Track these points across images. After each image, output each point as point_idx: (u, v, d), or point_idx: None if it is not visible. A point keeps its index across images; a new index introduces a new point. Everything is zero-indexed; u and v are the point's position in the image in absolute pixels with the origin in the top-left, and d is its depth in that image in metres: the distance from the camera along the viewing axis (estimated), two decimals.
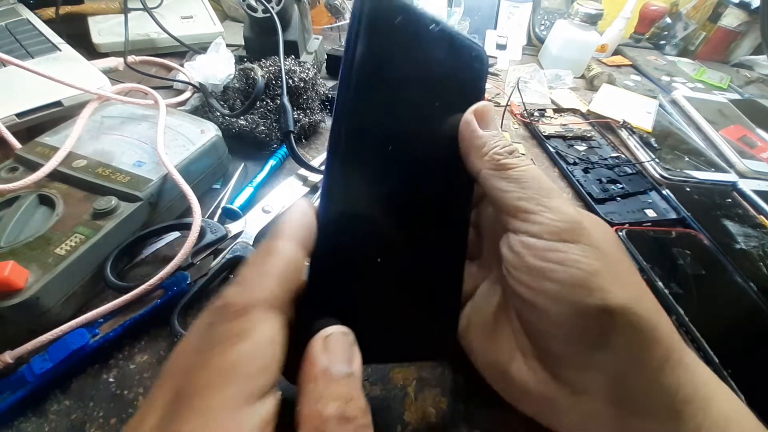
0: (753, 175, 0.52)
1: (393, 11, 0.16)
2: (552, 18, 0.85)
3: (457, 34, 0.19)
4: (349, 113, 0.16)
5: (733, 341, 0.31)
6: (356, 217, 0.16)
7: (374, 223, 0.17)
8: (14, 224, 0.28)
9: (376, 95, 0.16)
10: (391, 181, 0.17)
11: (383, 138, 0.17)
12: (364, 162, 0.16)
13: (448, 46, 0.18)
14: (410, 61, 0.17)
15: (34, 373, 0.23)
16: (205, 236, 0.31)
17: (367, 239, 0.17)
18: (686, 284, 0.35)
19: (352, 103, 0.16)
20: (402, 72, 0.17)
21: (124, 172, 0.33)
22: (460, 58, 0.19)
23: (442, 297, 0.20)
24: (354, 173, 0.16)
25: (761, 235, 0.42)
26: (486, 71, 0.20)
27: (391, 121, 0.17)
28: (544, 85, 0.67)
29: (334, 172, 0.16)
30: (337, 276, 0.16)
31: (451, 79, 0.19)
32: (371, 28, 0.16)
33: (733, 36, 0.88)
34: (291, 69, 0.46)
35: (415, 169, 0.18)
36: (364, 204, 0.16)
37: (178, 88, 0.51)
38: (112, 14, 0.60)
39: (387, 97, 0.17)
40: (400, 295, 0.18)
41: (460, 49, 0.19)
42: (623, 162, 0.51)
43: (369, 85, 0.16)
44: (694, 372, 0.16)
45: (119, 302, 0.26)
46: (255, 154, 0.44)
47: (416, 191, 0.18)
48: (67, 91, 0.40)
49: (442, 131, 0.19)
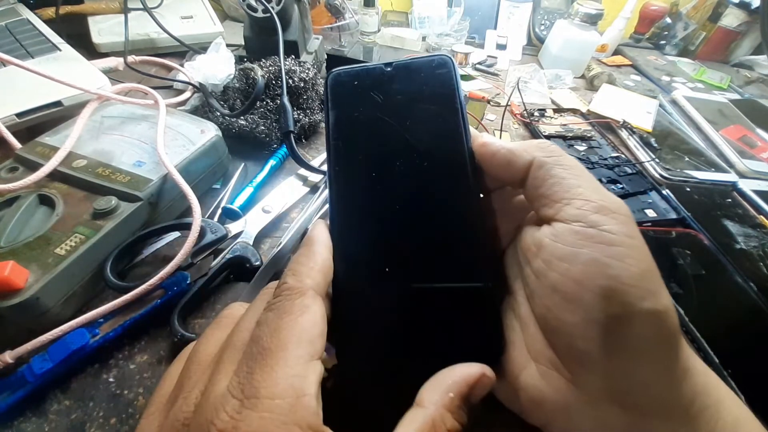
0: (753, 175, 0.52)
1: (349, 77, 0.21)
2: (552, 18, 0.85)
3: (411, 61, 0.21)
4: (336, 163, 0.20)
5: (733, 341, 0.31)
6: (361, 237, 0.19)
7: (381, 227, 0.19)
8: (14, 224, 0.28)
9: (353, 143, 0.20)
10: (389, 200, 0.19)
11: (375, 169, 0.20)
12: (360, 192, 0.19)
13: (409, 74, 0.21)
14: (378, 102, 0.21)
15: (34, 373, 0.23)
16: (205, 236, 0.31)
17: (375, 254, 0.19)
18: (686, 284, 0.35)
19: (335, 156, 0.20)
20: (374, 113, 0.20)
21: (124, 172, 0.33)
22: (423, 75, 0.21)
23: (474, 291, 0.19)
24: (352, 203, 0.19)
25: (761, 235, 0.41)
26: (452, 72, 0.21)
27: (378, 155, 0.20)
28: (544, 85, 0.67)
29: (338, 199, 0.19)
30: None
31: (422, 96, 0.21)
32: (336, 95, 0.21)
33: (733, 36, 0.88)
34: (291, 69, 0.46)
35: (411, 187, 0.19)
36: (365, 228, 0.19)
37: (178, 88, 0.51)
38: (112, 14, 0.60)
39: (366, 141, 0.20)
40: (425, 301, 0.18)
41: (420, 69, 0.21)
42: (623, 162, 0.51)
43: (345, 139, 0.20)
44: (706, 377, 0.16)
45: (119, 302, 0.26)
46: (255, 154, 0.44)
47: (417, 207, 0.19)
48: (67, 91, 0.40)
49: (431, 144, 0.20)
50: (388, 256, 0.18)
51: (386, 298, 0.18)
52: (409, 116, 0.20)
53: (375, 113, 0.20)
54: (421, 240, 0.19)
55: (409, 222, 0.19)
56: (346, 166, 0.20)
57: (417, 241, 0.19)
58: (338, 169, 0.20)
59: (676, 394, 0.15)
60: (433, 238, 0.19)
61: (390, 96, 0.21)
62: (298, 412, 0.13)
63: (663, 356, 0.15)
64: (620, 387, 0.15)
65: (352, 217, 0.19)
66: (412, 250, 0.19)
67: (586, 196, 0.16)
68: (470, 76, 0.71)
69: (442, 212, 0.19)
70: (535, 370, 0.17)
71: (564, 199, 0.17)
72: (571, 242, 0.16)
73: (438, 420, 0.15)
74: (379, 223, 0.19)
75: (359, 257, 0.19)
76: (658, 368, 0.15)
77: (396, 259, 0.18)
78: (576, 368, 0.16)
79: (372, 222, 0.19)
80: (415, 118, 0.20)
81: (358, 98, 0.21)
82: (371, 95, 0.21)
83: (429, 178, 0.19)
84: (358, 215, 0.19)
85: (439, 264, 0.18)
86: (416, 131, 0.20)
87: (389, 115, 0.20)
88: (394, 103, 0.21)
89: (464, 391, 0.16)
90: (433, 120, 0.20)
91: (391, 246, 0.19)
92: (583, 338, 0.15)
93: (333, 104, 0.21)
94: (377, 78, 0.21)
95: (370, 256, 0.19)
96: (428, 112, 0.20)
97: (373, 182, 0.19)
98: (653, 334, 0.15)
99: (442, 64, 0.21)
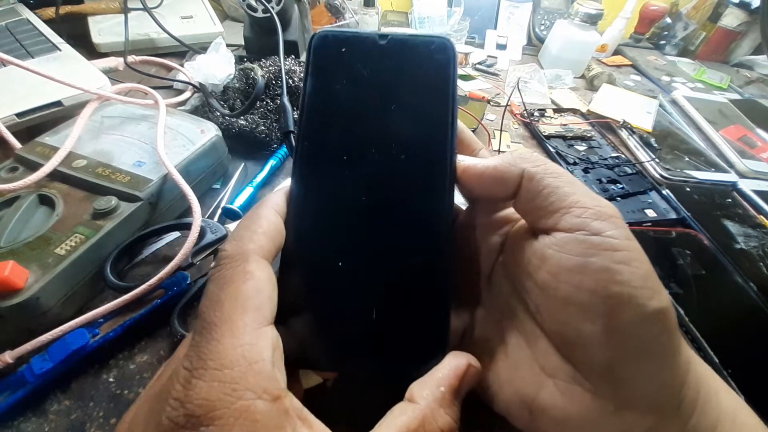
0: (753, 175, 0.52)
1: (337, 42, 0.19)
2: (552, 18, 0.85)
3: (409, 37, 0.19)
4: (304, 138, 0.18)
5: (733, 341, 0.31)
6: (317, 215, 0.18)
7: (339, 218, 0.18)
8: (14, 224, 0.28)
9: (327, 118, 0.19)
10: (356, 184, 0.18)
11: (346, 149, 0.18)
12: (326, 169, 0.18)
13: (403, 51, 0.19)
14: (363, 76, 0.19)
15: (34, 373, 0.23)
16: (205, 236, 0.31)
17: (330, 237, 0.18)
18: (686, 284, 0.35)
19: (305, 130, 0.18)
20: (356, 88, 0.19)
21: (124, 172, 0.33)
22: (419, 55, 0.19)
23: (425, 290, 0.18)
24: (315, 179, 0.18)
25: (761, 235, 0.41)
26: (450, 58, 0.19)
27: (352, 136, 0.18)
28: (544, 85, 0.67)
29: (300, 178, 0.18)
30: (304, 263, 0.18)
31: (413, 78, 0.19)
32: (319, 58, 0.19)
33: (733, 36, 0.88)
34: (291, 69, 0.46)
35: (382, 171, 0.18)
36: (324, 204, 0.18)
37: (178, 88, 0.51)
38: (112, 14, 0.60)
39: (342, 118, 0.19)
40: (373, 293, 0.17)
41: (416, 48, 0.19)
42: (623, 162, 0.51)
43: (319, 111, 0.19)
44: (704, 369, 0.17)
45: (119, 302, 0.26)
46: (255, 154, 0.44)
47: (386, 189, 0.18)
48: (67, 91, 0.40)
49: (411, 129, 0.19)
50: (344, 236, 0.18)
51: (336, 275, 0.17)
52: (394, 99, 0.19)
53: (357, 88, 0.19)
54: (381, 226, 0.18)
55: (372, 208, 0.18)
56: (316, 139, 0.18)
57: (376, 227, 0.18)
58: (307, 144, 0.18)
59: (684, 388, 0.15)
60: (394, 225, 0.18)
61: (377, 72, 0.19)
62: (251, 378, 0.13)
63: (672, 352, 0.15)
64: (642, 391, 0.15)
65: (313, 191, 0.18)
66: (370, 232, 0.18)
67: (582, 204, 0.16)
68: (470, 76, 0.71)
69: (409, 205, 0.18)
70: (554, 387, 0.16)
71: (562, 209, 0.16)
72: (578, 251, 0.15)
73: (429, 416, 0.15)
74: (339, 204, 0.18)
75: (312, 232, 0.18)
76: (671, 366, 0.15)
77: (352, 240, 0.18)
78: (598, 379, 0.15)
79: (333, 201, 0.18)
80: (399, 102, 0.19)
81: (343, 68, 0.19)
82: (357, 67, 0.19)
83: (402, 169, 0.18)
84: (319, 191, 0.18)
85: (396, 244, 0.18)
86: (398, 117, 0.19)
87: (372, 94, 0.19)
88: (380, 80, 0.19)
89: (455, 384, 0.16)
90: (419, 108, 0.19)
91: (348, 226, 0.18)
92: (604, 347, 0.15)
93: (314, 69, 0.19)
94: (368, 49, 0.19)
95: (323, 234, 0.18)
96: (415, 98, 0.19)
97: (342, 162, 0.18)
98: (661, 332, 0.15)
99: (441, 48, 0.19)
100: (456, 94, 0.19)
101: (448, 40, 0.19)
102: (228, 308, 0.14)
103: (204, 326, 0.14)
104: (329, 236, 0.18)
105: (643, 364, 0.15)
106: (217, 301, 0.14)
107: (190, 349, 0.14)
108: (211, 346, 0.13)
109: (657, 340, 0.15)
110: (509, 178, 0.18)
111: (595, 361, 0.15)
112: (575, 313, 0.15)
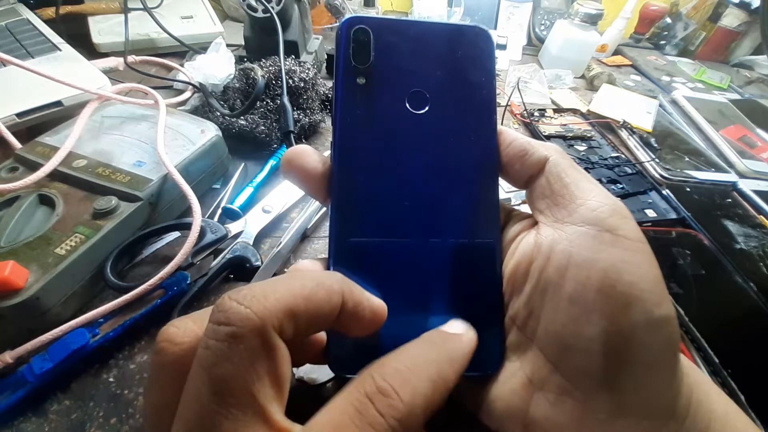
0: (753, 175, 0.52)
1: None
2: (552, 18, 0.85)
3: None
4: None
5: (733, 341, 0.31)
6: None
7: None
8: (14, 224, 0.28)
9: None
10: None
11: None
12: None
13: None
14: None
15: (34, 373, 0.23)
16: (205, 236, 0.31)
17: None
18: (686, 284, 0.35)
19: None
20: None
21: (124, 172, 0.33)
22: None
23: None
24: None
25: (761, 235, 0.41)
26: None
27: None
28: (544, 85, 0.67)
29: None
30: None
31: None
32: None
33: (733, 36, 0.88)
34: (291, 69, 0.46)
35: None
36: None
37: (178, 88, 0.51)
38: (112, 14, 0.60)
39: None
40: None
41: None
42: (623, 162, 0.51)
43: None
44: (695, 372, 0.16)
45: (119, 302, 0.26)
46: (255, 154, 0.44)
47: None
48: (67, 91, 0.40)
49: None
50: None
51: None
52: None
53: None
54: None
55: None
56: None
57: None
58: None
59: (677, 391, 0.15)
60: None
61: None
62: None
63: (671, 362, 0.15)
64: (636, 399, 0.15)
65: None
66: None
67: (600, 199, 0.16)
68: None
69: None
70: (544, 399, 0.16)
71: (579, 199, 0.16)
72: (589, 246, 0.15)
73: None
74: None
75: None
76: (669, 374, 0.15)
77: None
78: (589, 388, 0.15)
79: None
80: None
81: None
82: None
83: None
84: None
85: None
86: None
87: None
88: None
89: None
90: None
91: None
92: (604, 351, 0.14)
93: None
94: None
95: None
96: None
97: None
98: (664, 341, 0.14)
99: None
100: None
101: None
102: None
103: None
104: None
105: (642, 371, 0.14)
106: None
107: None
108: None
109: (659, 349, 0.14)
110: (535, 155, 0.18)
111: (592, 367, 0.15)
112: (578, 314, 0.15)
